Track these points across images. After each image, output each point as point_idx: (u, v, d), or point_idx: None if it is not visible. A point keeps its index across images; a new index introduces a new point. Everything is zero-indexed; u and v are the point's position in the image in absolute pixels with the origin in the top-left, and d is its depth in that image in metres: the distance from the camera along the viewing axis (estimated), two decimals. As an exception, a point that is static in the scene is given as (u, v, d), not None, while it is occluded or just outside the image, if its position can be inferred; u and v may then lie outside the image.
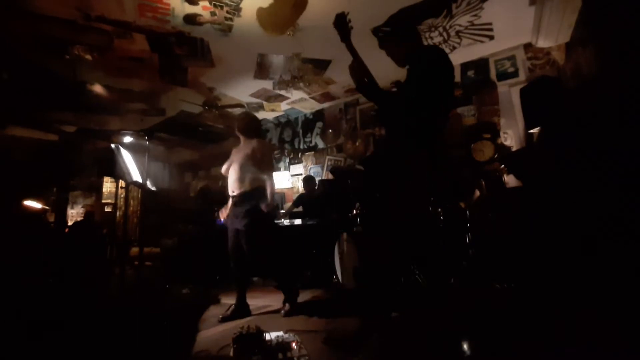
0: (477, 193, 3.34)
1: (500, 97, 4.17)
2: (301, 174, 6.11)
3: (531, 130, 3.29)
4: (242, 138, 2.90)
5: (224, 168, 2.88)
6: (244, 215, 2.64)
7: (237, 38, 3.65)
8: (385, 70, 2.04)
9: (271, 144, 6.01)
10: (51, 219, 5.49)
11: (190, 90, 4.88)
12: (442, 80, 1.81)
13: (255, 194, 2.71)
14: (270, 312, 2.76)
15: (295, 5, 3.21)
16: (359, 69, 1.98)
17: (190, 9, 3.21)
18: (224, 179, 2.89)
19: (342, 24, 1.98)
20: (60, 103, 4.89)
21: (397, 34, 2.02)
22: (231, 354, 1.69)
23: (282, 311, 2.62)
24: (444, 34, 3.80)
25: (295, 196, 5.62)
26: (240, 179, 2.70)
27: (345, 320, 2.31)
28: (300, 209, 4.80)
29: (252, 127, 2.92)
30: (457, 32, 3.79)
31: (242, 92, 5.10)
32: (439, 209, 3.10)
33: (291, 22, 3.44)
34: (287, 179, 6.10)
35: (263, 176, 2.75)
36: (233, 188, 2.72)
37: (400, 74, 4.39)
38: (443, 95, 1.83)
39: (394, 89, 2.04)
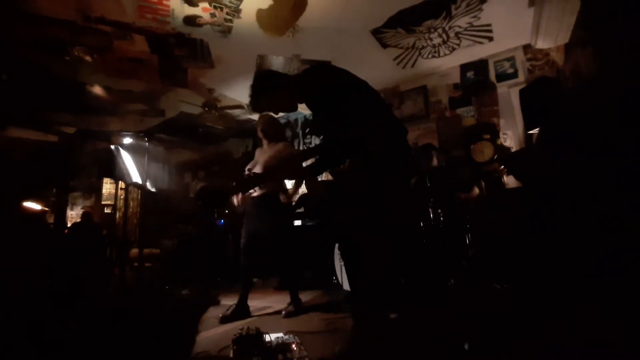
0: (477, 193, 3.34)
1: (500, 98, 4.18)
2: (301, 175, 6.10)
3: (531, 131, 3.29)
4: (265, 141, 2.92)
5: (247, 168, 2.89)
6: (266, 215, 2.68)
7: (237, 39, 3.66)
8: (382, 72, 2.03)
9: (295, 148, 6.00)
10: (51, 220, 5.48)
11: (190, 91, 4.88)
12: (339, 87, 1.71)
13: (277, 195, 2.77)
14: (270, 313, 2.76)
15: (294, 6, 3.21)
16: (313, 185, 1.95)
17: (190, 11, 3.22)
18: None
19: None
20: (60, 104, 4.89)
21: (269, 88, 1.86)
22: (231, 355, 1.69)
23: (284, 312, 2.62)
24: (444, 35, 3.81)
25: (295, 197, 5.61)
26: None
27: (345, 321, 2.31)
28: (302, 209, 4.79)
29: (278, 130, 2.96)
30: (457, 34, 3.80)
31: (242, 93, 5.10)
32: (439, 210, 3.11)
33: (291, 24, 3.45)
34: (286, 180, 6.08)
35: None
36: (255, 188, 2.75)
37: (400, 74, 4.39)
38: (352, 97, 1.71)
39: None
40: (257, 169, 2.78)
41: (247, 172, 2.88)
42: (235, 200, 2.90)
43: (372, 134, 1.67)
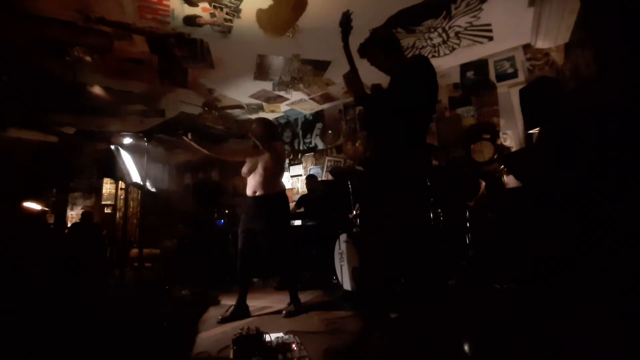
0: (479, 192, 3.34)
1: (500, 98, 4.18)
2: (301, 175, 6.12)
3: (531, 131, 3.29)
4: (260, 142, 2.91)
5: (244, 170, 2.90)
6: (266, 215, 2.69)
7: (237, 39, 3.66)
8: (382, 72, 2.05)
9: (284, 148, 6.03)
10: (51, 220, 5.48)
11: (190, 91, 4.89)
12: (429, 88, 1.84)
13: (277, 195, 2.79)
14: (270, 313, 2.76)
15: (294, 6, 3.21)
16: (355, 80, 1.96)
17: (190, 11, 3.22)
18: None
19: (346, 23, 1.96)
20: (60, 105, 4.89)
21: (382, 46, 2.01)
22: (231, 355, 1.69)
23: (284, 312, 2.63)
24: (443, 34, 3.81)
25: (295, 197, 5.62)
26: (264, 181, 2.74)
27: (345, 321, 2.31)
28: (302, 210, 4.80)
29: (272, 131, 2.96)
30: (457, 33, 3.80)
31: (241, 93, 5.11)
32: (439, 210, 3.10)
33: (291, 24, 3.45)
34: (286, 180, 6.10)
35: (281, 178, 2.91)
36: (255, 189, 2.76)
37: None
38: (430, 101, 1.87)
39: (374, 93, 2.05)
40: (257, 170, 2.78)
41: (243, 173, 2.91)
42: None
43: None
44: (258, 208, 2.74)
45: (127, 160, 2.92)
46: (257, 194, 2.75)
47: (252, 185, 2.80)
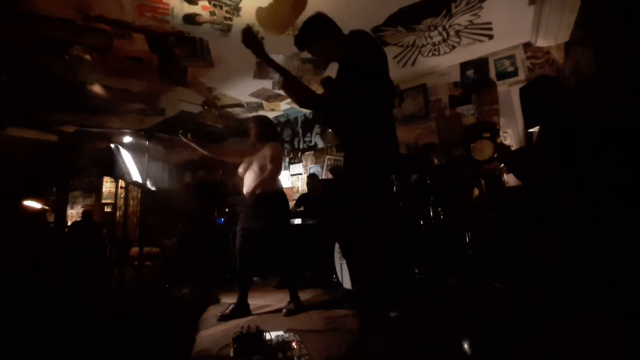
0: (477, 192, 3.34)
1: (500, 97, 4.18)
2: (301, 174, 6.12)
3: (531, 130, 3.29)
4: (256, 141, 2.92)
5: (240, 170, 2.90)
6: (263, 214, 2.69)
7: (237, 38, 3.60)
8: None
9: (283, 147, 6.03)
10: (51, 219, 5.49)
11: (190, 90, 4.88)
12: (377, 56, 1.73)
13: (275, 194, 2.79)
14: (271, 311, 2.76)
15: (294, 5, 3.20)
16: (295, 86, 1.84)
17: (190, 9, 3.21)
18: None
19: (251, 40, 1.84)
20: (60, 103, 4.88)
21: (320, 31, 1.87)
22: (231, 353, 1.69)
23: (284, 310, 2.63)
24: (444, 33, 3.80)
25: (295, 196, 5.63)
26: (262, 180, 2.74)
27: (345, 320, 2.31)
28: (302, 208, 4.81)
29: (269, 130, 2.96)
30: (457, 32, 3.79)
31: (241, 91, 5.10)
32: (439, 209, 3.11)
33: (291, 22, 3.44)
34: (286, 179, 6.10)
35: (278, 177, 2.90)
36: (252, 188, 2.75)
37: (400, 72, 4.39)
38: (381, 78, 1.73)
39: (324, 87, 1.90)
40: (252, 169, 2.78)
41: (239, 173, 2.91)
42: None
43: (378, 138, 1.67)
44: (256, 207, 2.74)
45: (127, 159, 2.92)
46: (254, 192, 2.75)
47: (249, 183, 2.79)
